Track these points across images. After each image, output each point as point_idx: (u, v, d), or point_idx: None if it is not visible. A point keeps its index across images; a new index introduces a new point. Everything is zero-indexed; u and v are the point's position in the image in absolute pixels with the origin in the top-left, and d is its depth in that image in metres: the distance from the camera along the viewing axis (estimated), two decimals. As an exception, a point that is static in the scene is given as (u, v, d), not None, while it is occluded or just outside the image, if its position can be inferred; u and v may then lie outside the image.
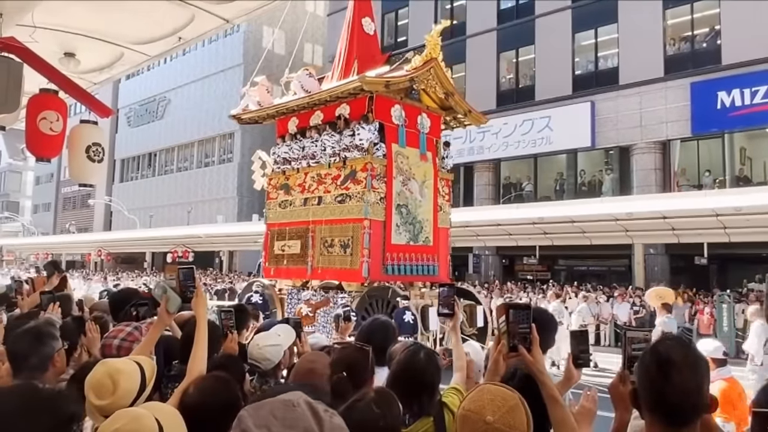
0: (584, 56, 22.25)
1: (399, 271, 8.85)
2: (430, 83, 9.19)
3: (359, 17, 9.89)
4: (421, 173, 9.29)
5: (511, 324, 1.94)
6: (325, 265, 9.04)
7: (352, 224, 8.67)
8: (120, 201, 40.14)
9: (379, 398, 1.85)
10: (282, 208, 9.95)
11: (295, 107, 9.75)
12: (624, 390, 1.77)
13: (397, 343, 2.92)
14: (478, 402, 1.65)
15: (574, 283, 19.59)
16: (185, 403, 1.95)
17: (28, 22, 4.88)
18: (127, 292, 4.49)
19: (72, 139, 4.96)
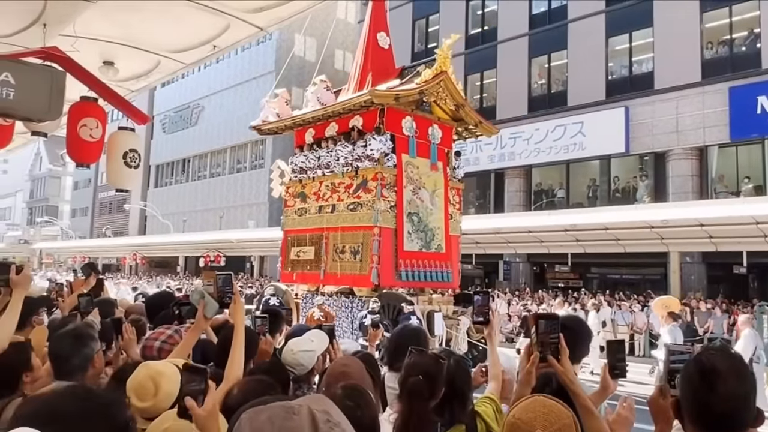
0: (618, 61, 21.91)
1: (412, 277, 9.08)
2: (441, 95, 9.41)
3: (374, 32, 10.18)
4: (431, 182, 9.54)
5: (541, 334, 1.94)
6: (337, 271, 9.35)
7: (362, 231, 8.95)
8: (154, 206, 40.95)
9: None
10: (298, 215, 10.34)
11: (311, 119, 10.10)
12: (664, 403, 1.73)
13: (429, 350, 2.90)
14: (531, 413, 1.62)
15: (606, 292, 19.26)
16: (228, 405, 1.97)
17: (70, 33, 5.03)
18: (163, 295, 4.59)
19: (110, 146, 5.09)
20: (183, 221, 39.18)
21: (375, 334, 3.89)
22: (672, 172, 19.88)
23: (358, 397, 1.85)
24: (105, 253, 47.16)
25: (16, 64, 2.91)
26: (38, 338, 3.27)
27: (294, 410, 1.06)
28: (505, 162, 23.86)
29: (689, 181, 19.41)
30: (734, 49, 19.06)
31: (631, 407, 1.98)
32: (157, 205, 41.26)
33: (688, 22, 19.34)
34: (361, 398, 1.85)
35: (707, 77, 18.95)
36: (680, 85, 19.36)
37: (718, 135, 18.75)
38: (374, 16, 10.41)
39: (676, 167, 19.77)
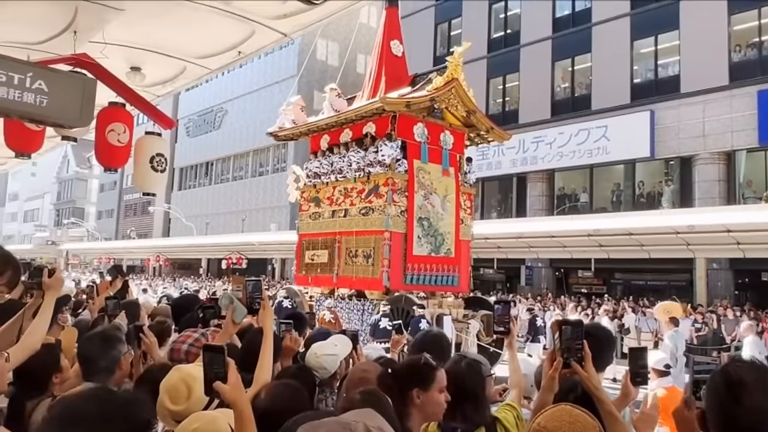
0: (643, 64, 21.65)
1: (420, 281, 9.24)
2: (452, 102, 9.55)
3: (388, 40, 10.33)
4: (443, 188, 9.66)
5: (565, 340, 1.93)
6: (350, 274, 9.53)
7: (374, 236, 9.13)
8: (178, 208, 41.48)
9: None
10: (312, 219, 10.51)
11: (324, 125, 10.31)
12: (689, 415, 1.71)
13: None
14: (556, 422, 1.61)
15: (629, 298, 19.00)
16: (256, 408, 1.99)
17: (99, 39, 5.13)
18: (189, 298, 4.65)
19: (137, 150, 5.18)
20: (206, 224, 39.62)
21: (398, 340, 3.89)
22: (698, 177, 19.56)
23: (375, 401, 1.87)
24: (129, 254, 47.87)
25: (49, 72, 2.98)
26: (68, 339, 3.34)
27: (351, 427, 1.06)
28: (528, 166, 23.70)
29: (716, 186, 19.07)
30: (763, 51, 18.70)
31: (655, 405, 1.98)
32: (181, 207, 41.79)
33: (715, 24, 19.03)
34: (378, 402, 1.87)
35: (735, 80, 18.62)
36: (707, 88, 19.04)
37: (746, 139, 18.41)
38: (388, 24, 10.56)
39: (702, 172, 19.44)
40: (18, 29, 4.81)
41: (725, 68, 18.89)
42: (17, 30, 4.82)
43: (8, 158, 9.43)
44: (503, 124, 24.90)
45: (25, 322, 2.79)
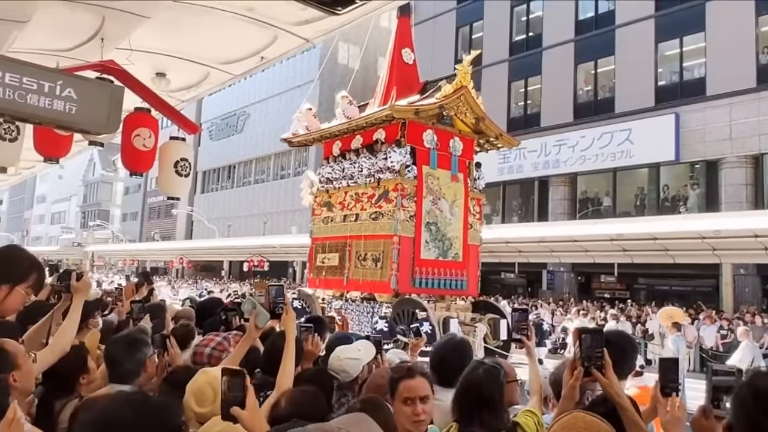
0: (668, 66, 21.35)
1: (427, 285, 9.41)
2: (461, 109, 9.70)
3: (399, 48, 10.55)
4: (451, 193, 9.83)
5: (585, 349, 1.92)
6: (359, 277, 9.74)
7: (383, 240, 9.33)
8: (201, 211, 41.94)
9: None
10: (325, 223, 10.73)
11: (337, 132, 10.53)
12: (708, 424, 1.69)
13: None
14: (571, 429, 1.62)
15: (653, 303, 18.72)
16: (277, 415, 2.02)
17: (125, 46, 5.23)
18: (213, 301, 4.71)
19: (162, 155, 5.25)
20: (228, 226, 39.99)
21: (417, 344, 3.87)
22: (725, 181, 19.21)
23: (375, 409, 1.88)
24: (153, 256, 48.52)
25: (78, 80, 3.05)
26: (91, 341, 3.40)
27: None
28: (550, 169, 23.51)
29: (743, 190, 18.70)
30: (792, 53, 18.34)
31: (683, 407, 1.93)
32: (204, 210, 42.25)
33: (742, 25, 18.70)
34: (378, 410, 1.88)
35: (763, 82, 18.26)
36: (734, 90, 18.71)
37: (775, 142, 18.05)
38: (399, 33, 10.73)
39: (729, 176, 19.10)
40: (48, 37, 4.93)
41: (752, 70, 18.55)
42: (47, 38, 4.94)
43: (36, 162, 9.63)
44: (525, 127, 24.86)
45: (54, 324, 2.86)
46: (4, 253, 2.42)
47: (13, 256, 2.39)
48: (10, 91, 2.71)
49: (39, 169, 14.96)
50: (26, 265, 2.37)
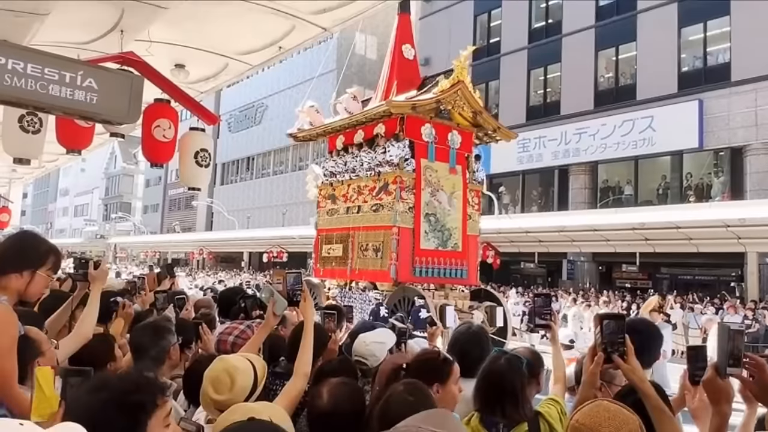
0: (691, 52, 20.93)
1: (428, 274, 9.69)
2: (458, 104, 9.92)
3: (400, 44, 10.79)
4: (450, 185, 10.07)
5: (607, 335, 1.90)
6: (361, 267, 10.09)
7: (383, 231, 9.65)
8: (220, 203, 42.28)
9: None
10: (329, 215, 11.09)
11: (338, 127, 10.84)
12: (723, 383, 1.66)
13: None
14: (594, 418, 1.58)
15: (673, 292, 18.48)
16: (319, 408, 2.04)
17: (144, 38, 5.26)
18: (234, 290, 4.75)
19: (182, 146, 5.28)
20: (247, 218, 40.28)
21: (434, 332, 3.87)
22: (750, 168, 18.84)
23: (419, 393, 1.92)
24: (174, 248, 49.08)
25: (99, 70, 3.07)
26: (115, 329, 3.46)
27: None
28: (570, 158, 23.25)
29: (769, 177, 18.35)
30: (821, 36, 17.85)
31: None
32: (223, 201, 42.58)
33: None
34: (421, 394, 1.91)
35: (790, 67, 17.83)
36: (760, 76, 18.29)
37: (802, 128, 17.65)
38: (400, 30, 10.97)
39: (754, 163, 18.72)
40: (68, 30, 4.98)
41: (779, 55, 18.12)
42: (68, 31, 4.99)
43: (59, 154, 9.77)
44: (544, 115, 24.62)
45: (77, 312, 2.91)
46: (19, 240, 2.45)
47: (28, 242, 2.42)
48: (32, 81, 2.74)
49: (62, 162, 15.21)
50: (43, 249, 2.40)
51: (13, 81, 2.72)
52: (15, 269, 2.28)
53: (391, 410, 1.81)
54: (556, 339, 2.86)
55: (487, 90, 27.91)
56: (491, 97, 27.69)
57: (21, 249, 2.36)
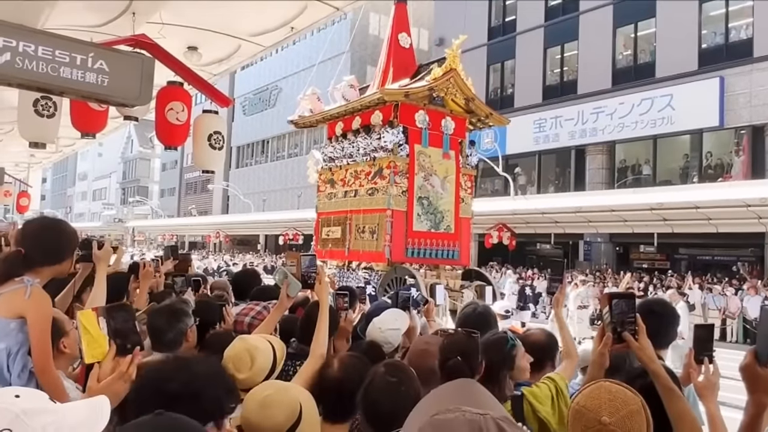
0: (712, 28, 20.45)
1: (421, 254, 10.10)
2: (451, 91, 10.25)
3: (396, 33, 11.05)
4: (443, 170, 10.41)
5: (617, 314, 1.87)
6: (358, 248, 10.52)
7: (378, 214, 10.07)
8: (236, 186, 42.49)
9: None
10: (328, 199, 11.47)
11: (337, 114, 11.23)
12: (761, 371, 1.62)
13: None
14: (596, 400, 1.55)
15: (688, 273, 18.30)
16: (330, 375, 2.11)
17: (156, 20, 5.23)
18: (248, 272, 4.76)
19: (196, 128, 5.27)
20: (263, 201, 40.46)
21: (429, 308, 3.91)
22: (772, 147, 18.48)
23: (400, 372, 1.96)
24: (191, 231, 49.53)
25: (109, 52, 3.05)
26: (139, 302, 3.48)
27: (480, 426, 0.96)
28: (587, 138, 22.97)
29: (792, 155, 17.99)
30: None
31: (717, 372, 1.93)
32: (239, 185, 42.79)
33: (793, -18, 17.74)
34: (403, 374, 1.96)
35: (815, 42, 17.37)
36: (783, 51, 17.86)
37: (827, 105, 17.22)
38: (396, 19, 11.20)
39: (776, 141, 18.35)
40: (81, 13, 4.96)
41: (804, 29, 17.65)
42: (80, 14, 4.97)
43: (75, 139, 9.84)
44: (561, 95, 24.29)
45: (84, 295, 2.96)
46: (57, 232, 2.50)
47: (63, 228, 2.52)
48: (43, 64, 2.73)
49: (79, 147, 15.34)
50: (73, 237, 2.54)
51: (24, 63, 2.72)
52: (55, 261, 2.41)
53: (374, 391, 1.87)
54: (558, 312, 2.81)
55: (502, 70, 27.59)
56: (507, 76, 27.37)
57: (61, 241, 2.46)
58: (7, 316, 2.21)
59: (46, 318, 2.25)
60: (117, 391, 1.48)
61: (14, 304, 2.22)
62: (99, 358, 1.52)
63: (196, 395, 1.39)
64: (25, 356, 2.22)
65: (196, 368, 1.45)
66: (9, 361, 2.21)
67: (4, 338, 2.20)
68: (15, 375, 2.21)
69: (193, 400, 1.37)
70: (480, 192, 27.87)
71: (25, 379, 2.22)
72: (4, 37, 2.69)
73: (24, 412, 1.08)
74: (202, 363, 1.51)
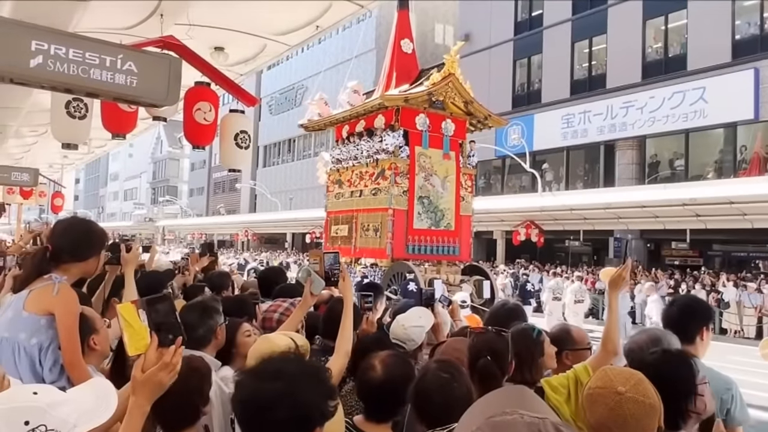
0: (746, 18, 19.91)
1: (421, 251, 10.57)
2: (450, 95, 10.72)
3: (399, 39, 11.55)
4: (443, 170, 10.85)
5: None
6: (363, 246, 11.06)
7: (380, 213, 10.60)
8: (263, 185, 42.87)
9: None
10: (336, 199, 12.06)
11: (342, 118, 11.85)
12: None
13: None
14: (604, 378, 1.68)
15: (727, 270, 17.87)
16: (373, 379, 2.12)
17: (184, 21, 5.30)
18: (274, 269, 4.81)
19: (223, 128, 5.33)
20: (290, 199, 40.74)
21: (454, 308, 3.92)
22: (810, 140, 17.93)
23: (452, 369, 2.01)
24: (219, 229, 50.16)
25: (137, 53, 3.10)
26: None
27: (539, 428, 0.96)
28: (616, 133, 22.59)
29: (831, 148, 17.42)
30: None
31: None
32: (266, 183, 43.16)
33: (832, -31, 17.16)
34: (455, 370, 2.00)
35: None
36: (822, 41, 17.30)
37: None
38: (399, 26, 11.68)
39: (815, 134, 17.80)
40: (110, 16, 5.05)
41: (844, 17, 17.06)
42: (110, 17, 5.06)
43: (107, 140, 10.04)
44: (590, 89, 23.93)
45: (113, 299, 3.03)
46: (85, 230, 2.56)
47: (93, 232, 2.58)
48: (74, 66, 2.79)
49: (110, 148, 15.65)
50: (101, 236, 2.60)
51: (56, 66, 2.77)
52: (82, 258, 2.46)
53: (427, 387, 1.92)
54: (613, 304, 2.71)
55: (529, 65, 27.29)
56: (534, 71, 27.07)
57: (88, 239, 2.52)
58: (37, 312, 2.28)
59: (74, 314, 2.31)
60: (162, 381, 1.51)
61: (43, 300, 2.28)
62: (142, 351, 1.53)
63: (295, 401, 1.40)
64: (56, 351, 2.28)
65: (292, 371, 1.46)
66: (41, 356, 2.27)
67: (35, 334, 2.26)
68: (47, 369, 2.27)
69: (292, 406, 1.39)
70: (507, 189, 27.68)
71: (56, 373, 2.28)
72: (36, 40, 2.75)
73: (49, 406, 1.16)
74: (297, 364, 1.52)
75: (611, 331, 2.59)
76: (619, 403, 1.60)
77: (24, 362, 2.24)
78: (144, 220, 63.96)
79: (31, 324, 2.28)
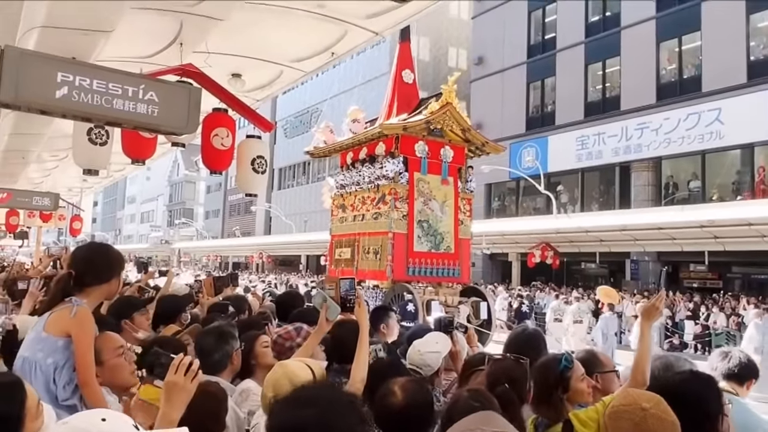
0: (761, 39, 19.87)
1: (421, 273, 10.85)
2: (447, 123, 11.10)
3: (400, 69, 12.01)
4: (441, 195, 11.23)
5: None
6: (365, 268, 11.34)
7: (381, 236, 10.95)
8: (278, 207, 43.12)
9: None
10: (340, 222, 12.44)
11: (346, 145, 12.29)
12: None
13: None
14: (628, 397, 1.78)
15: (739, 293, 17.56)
16: (393, 405, 2.12)
17: (202, 49, 5.41)
18: (291, 294, 4.83)
19: (239, 153, 5.41)
20: (304, 221, 40.91)
21: (470, 335, 3.90)
22: (829, 160, 17.72)
23: (482, 397, 2.04)
24: (234, 252, 50.39)
25: (159, 83, 3.18)
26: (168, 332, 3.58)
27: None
28: (632, 154, 22.50)
29: None
30: None
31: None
32: (281, 206, 43.42)
33: None
34: (485, 399, 2.04)
35: None
36: (838, 61, 17.20)
37: None
38: (400, 57, 12.15)
39: (834, 154, 17.59)
40: (132, 45, 5.18)
41: None
42: (132, 46, 5.19)
43: (125, 164, 10.20)
44: (603, 111, 23.92)
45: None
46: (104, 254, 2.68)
47: (111, 255, 2.69)
48: (97, 96, 2.87)
49: (128, 172, 15.87)
50: (119, 259, 2.70)
51: (80, 97, 2.86)
52: (104, 280, 2.58)
53: (458, 414, 1.89)
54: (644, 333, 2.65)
55: (542, 87, 27.38)
56: (547, 94, 27.14)
57: (108, 261, 2.63)
58: (55, 333, 2.40)
59: (89, 336, 2.40)
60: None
61: (61, 322, 2.40)
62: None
63: (330, 428, 1.40)
64: (70, 371, 2.38)
65: (326, 398, 1.48)
66: (56, 375, 2.37)
67: (52, 354, 2.38)
68: (60, 387, 2.37)
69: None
70: (522, 210, 27.58)
71: (69, 391, 2.38)
72: (62, 71, 2.84)
73: None
74: (331, 392, 1.57)
75: (642, 361, 2.48)
76: (644, 419, 1.68)
77: (39, 380, 2.34)
78: (160, 243, 64.49)
79: (49, 345, 2.39)
